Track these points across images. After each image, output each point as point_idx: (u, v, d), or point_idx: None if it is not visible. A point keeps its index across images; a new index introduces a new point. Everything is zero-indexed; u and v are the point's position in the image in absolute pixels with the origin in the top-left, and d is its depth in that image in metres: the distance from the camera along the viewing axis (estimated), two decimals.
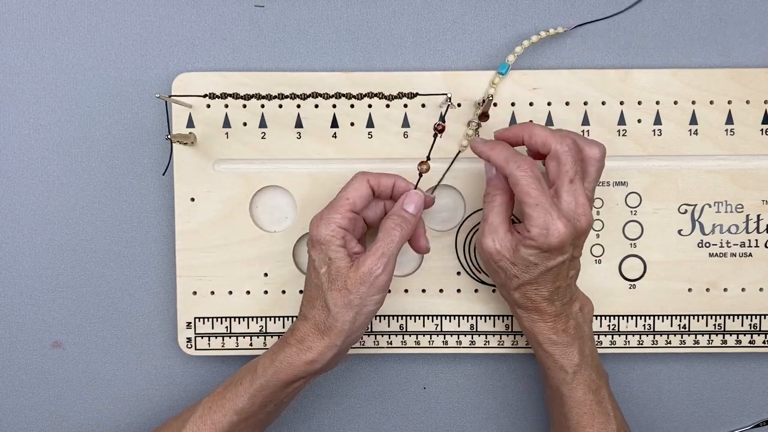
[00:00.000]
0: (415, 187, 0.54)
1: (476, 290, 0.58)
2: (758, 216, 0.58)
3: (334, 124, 0.57)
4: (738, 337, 0.58)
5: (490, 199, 0.52)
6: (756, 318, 0.58)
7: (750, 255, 0.58)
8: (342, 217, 0.51)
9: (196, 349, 0.58)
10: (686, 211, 0.58)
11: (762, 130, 0.57)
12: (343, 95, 0.52)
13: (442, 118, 0.55)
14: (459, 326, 0.58)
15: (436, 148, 0.57)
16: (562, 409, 0.53)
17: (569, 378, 0.52)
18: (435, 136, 0.53)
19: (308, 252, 0.52)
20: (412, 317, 0.58)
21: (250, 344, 0.58)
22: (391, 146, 0.57)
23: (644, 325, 0.58)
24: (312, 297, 0.52)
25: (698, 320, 0.58)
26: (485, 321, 0.58)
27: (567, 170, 0.50)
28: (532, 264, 0.50)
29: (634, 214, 0.58)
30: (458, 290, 0.58)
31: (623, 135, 0.57)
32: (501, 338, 0.58)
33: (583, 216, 0.50)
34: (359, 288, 0.50)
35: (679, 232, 0.58)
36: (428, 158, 0.53)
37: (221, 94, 0.52)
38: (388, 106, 0.52)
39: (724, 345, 0.58)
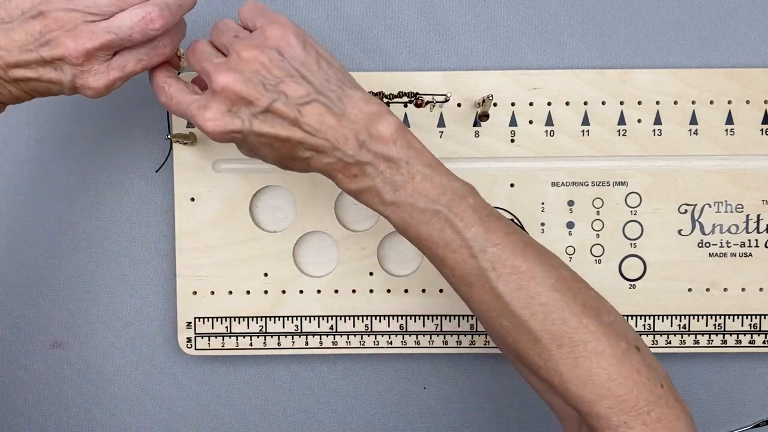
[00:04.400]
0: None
1: None
2: (758, 216, 0.58)
3: None
4: (738, 337, 0.58)
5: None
6: (756, 318, 0.58)
7: (750, 255, 0.58)
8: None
9: (196, 349, 0.58)
10: (686, 211, 0.58)
11: (762, 130, 0.57)
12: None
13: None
14: (459, 326, 0.58)
15: (437, 148, 0.57)
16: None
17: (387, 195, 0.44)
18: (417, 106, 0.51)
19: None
20: (412, 317, 0.58)
21: (250, 344, 0.58)
22: None
23: (644, 325, 0.58)
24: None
25: (698, 320, 0.58)
26: None
27: (211, 58, 0.45)
28: (242, 150, 0.47)
29: (634, 214, 0.58)
30: None
31: (623, 135, 0.57)
32: None
33: (212, 85, 0.43)
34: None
35: (679, 232, 0.58)
36: None
37: None
38: (388, 105, 0.52)
39: (724, 345, 0.58)
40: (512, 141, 0.57)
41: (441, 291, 0.58)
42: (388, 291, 0.58)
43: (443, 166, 0.46)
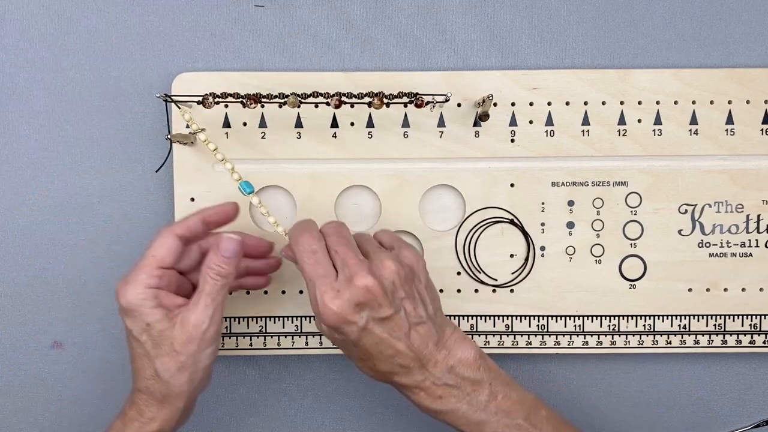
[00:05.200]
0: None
1: (476, 290, 0.58)
2: (758, 216, 0.58)
3: (334, 124, 0.57)
4: (738, 337, 0.58)
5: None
6: (756, 318, 0.58)
7: (750, 255, 0.58)
8: (149, 276, 0.47)
9: None
10: (686, 211, 0.58)
11: (762, 130, 0.57)
12: (344, 95, 0.52)
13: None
14: (459, 326, 0.58)
15: (436, 149, 0.57)
16: None
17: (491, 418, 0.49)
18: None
19: (125, 325, 0.48)
20: None
21: (250, 344, 0.58)
22: (391, 146, 0.57)
23: (644, 325, 0.58)
24: (139, 368, 0.48)
25: (698, 320, 0.58)
26: (485, 321, 0.58)
27: (319, 253, 0.48)
28: (340, 340, 0.48)
29: (634, 214, 0.58)
30: (458, 290, 0.58)
31: (623, 135, 0.57)
32: (501, 338, 0.58)
33: (354, 279, 0.46)
34: (188, 347, 0.47)
35: (679, 232, 0.58)
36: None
37: (222, 94, 0.52)
38: (388, 105, 0.52)
39: (724, 345, 0.58)
40: (512, 141, 0.57)
41: (441, 291, 0.58)
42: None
43: (513, 379, 0.51)
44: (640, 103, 0.57)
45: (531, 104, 0.57)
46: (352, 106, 0.53)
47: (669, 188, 0.58)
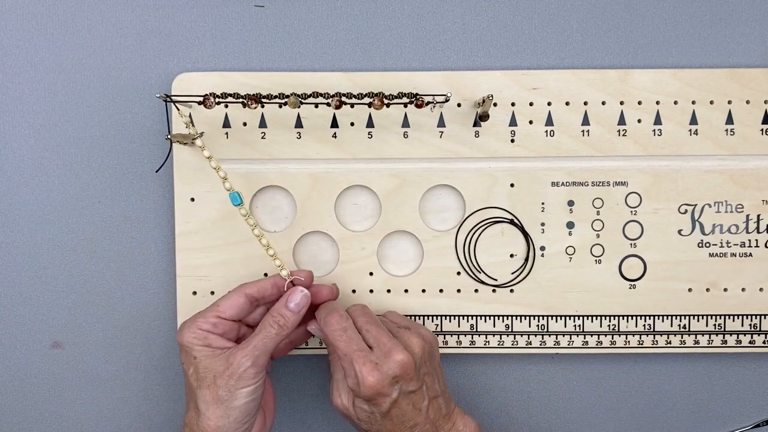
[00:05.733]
0: (291, 282, 0.54)
1: (476, 290, 0.58)
2: (758, 216, 0.58)
3: (334, 124, 0.57)
4: (738, 337, 0.58)
5: (331, 357, 0.54)
6: (756, 318, 0.58)
7: (750, 255, 0.58)
8: (205, 321, 0.51)
9: None
10: (686, 211, 0.58)
11: (762, 130, 0.57)
12: (344, 95, 0.52)
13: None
14: (459, 326, 0.58)
15: (436, 149, 0.57)
16: None
17: None
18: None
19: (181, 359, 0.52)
20: (412, 317, 0.58)
21: None
22: (391, 146, 0.57)
23: (644, 325, 0.58)
24: (187, 401, 0.52)
25: (698, 320, 0.58)
26: (485, 321, 0.58)
27: (348, 331, 0.51)
28: (369, 413, 0.51)
29: (634, 214, 0.58)
30: (458, 290, 0.58)
31: (623, 135, 0.57)
32: (501, 338, 0.58)
33: (392, 353, 0.50)
34: (227, 381, 0.50)
35: (679, 232, 0.58)
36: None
37: (221, 94, 0.52)
38: (388, 106, 0.52)
39: (724, 345, 0.58)
40: (512, 141, 0.57)
41: (441, 291, 0.58)
42: (388, 291, 0.58)
43: None
44: (640, 103, 0.57)
45: (531, 104, 0.57)
46: (352, 107, 0.53)
47: (669, 188, 0.58)
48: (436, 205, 0.58)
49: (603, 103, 0.57)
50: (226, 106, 0.57)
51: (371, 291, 0.58)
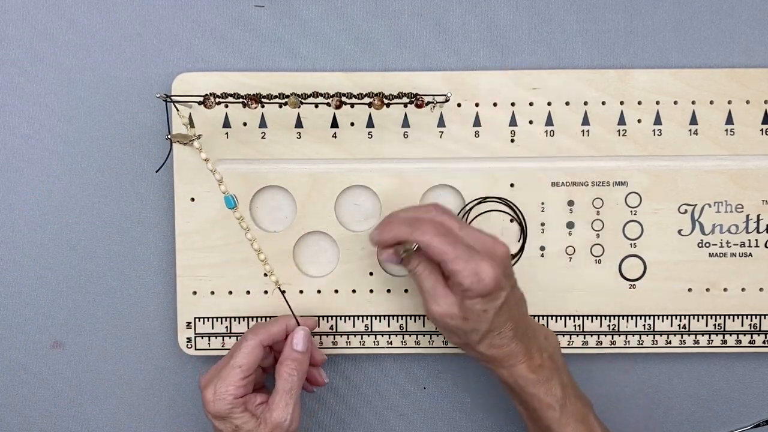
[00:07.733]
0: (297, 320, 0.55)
1: None
2: (758, 216, 0.58)
3: (334, 124, 0.57)
4: (738, 337, 0.58)
5: (414, 270, 0.52)
6: (756, 318, 0.58)
7: (750, 255, 0.58)
8: (236, 387, 0.51)
9: (196, 349, 0.58)
10: (686, 211, 0.58)
11: (762, 130, 0.57)
12: (344, 95, 0.52)
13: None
14: None
15: (436, 149, 0.57)
16: None
17: (557, 414, 0.52)
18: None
19: (212, 422, 0.52)
20: (412, 317, 0.58)
21: None
22: (391, 146, 0.57)
23: (644, 325, 0.58)
24: None
25: (698, 320, 0.58)
26: None
27: (449, 234, 0.50)
28: (482, 312, 0.50)
29: (634, 214, 0.58)
30: None
31: (623, 135, 0.57)
32: None
33: (496, 245, 0.50)
34: None
35: (679, 232, 0.58)
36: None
37: (222, 94, 0.52)
38: (388, 106, 0.52)
39: (724, 345, 0.58)
40: (512, 141, 0.57)
41: None
42: (388, 291, 0.58)
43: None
44: (639, 103, 0.57)
45: (531, 104, 0.57)
46: (352, 107, 0.53)
47: (669, 188, 0.58)
48: None
49: (603, 103, 0.57)
50: (226, 106, 0.57)
51: (371, 291, 0.58)
